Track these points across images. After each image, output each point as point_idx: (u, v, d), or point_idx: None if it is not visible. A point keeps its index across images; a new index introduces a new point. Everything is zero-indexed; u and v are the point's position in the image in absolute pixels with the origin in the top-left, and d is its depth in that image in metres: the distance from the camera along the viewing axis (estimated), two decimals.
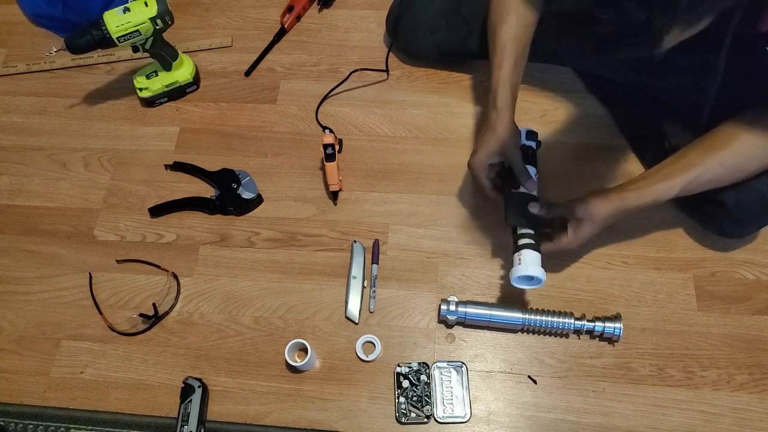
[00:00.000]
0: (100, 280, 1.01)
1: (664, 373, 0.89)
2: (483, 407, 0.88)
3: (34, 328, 0.98)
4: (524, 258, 0.83)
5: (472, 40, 1.06)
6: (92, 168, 1.13)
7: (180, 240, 1.04)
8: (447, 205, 1.04)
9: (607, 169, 1.05)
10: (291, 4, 1.27)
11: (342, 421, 0.88)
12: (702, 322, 0.92)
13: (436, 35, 1.09)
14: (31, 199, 1.10)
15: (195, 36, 1.27)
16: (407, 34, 1.13)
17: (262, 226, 1.04)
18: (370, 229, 1.03)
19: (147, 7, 1.03)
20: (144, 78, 1.15)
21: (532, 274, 0.82)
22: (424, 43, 1.11)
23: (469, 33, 1.06)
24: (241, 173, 1.06)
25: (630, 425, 0.86)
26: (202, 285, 1.00)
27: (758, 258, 0.97)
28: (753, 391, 0.87)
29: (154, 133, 1.16)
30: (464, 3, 1.05)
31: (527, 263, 0.83)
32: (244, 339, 0.95)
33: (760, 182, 0.82)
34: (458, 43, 1.09)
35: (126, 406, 0.91)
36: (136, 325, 0.97)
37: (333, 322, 0.95)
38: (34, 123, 1.19)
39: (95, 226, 1.07)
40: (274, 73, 1.21)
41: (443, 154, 1.09)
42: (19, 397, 0.93)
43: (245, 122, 1.16)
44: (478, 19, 1.03)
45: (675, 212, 1.00)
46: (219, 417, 0.89)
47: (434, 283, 0.97)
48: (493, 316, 0.90)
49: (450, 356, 0.92)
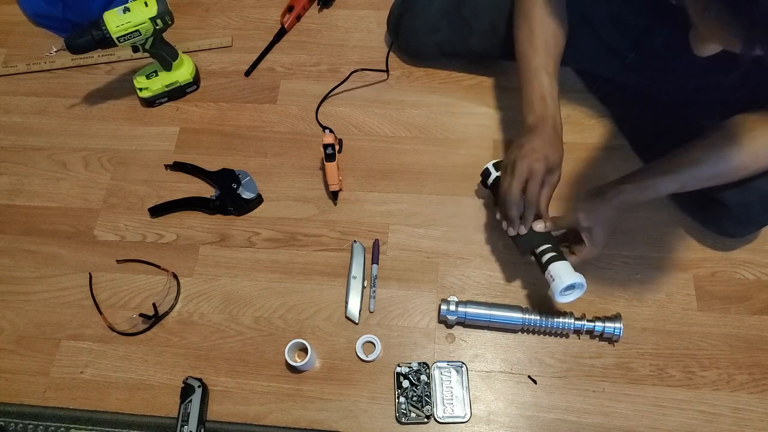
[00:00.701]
0: (100, 280, 1.01)
1: (664, 373, 0.89)
2: (483, 407, 0.88)
3: (34, 328, 0.98)
4: (555, 271, 0.81)
5: (474, 40, 1.06)
6: (92, 168, 1.13)
7: (180, 240, 1.04)
8: (447, 205, 1.04)
9: (608, 169, 1.05)
10: (291, 4, 1.27)
11: (342, 421, 0.88)
12: (702, 322, 0.92)
13: (437, 35, 1.09)
14: (31, 199, 1.10)
15: (195, 36, 1.27)
16: (409, 35, 1.12)
17: (262, 226, 1.04)
18: (370, 229, 1.03)
19: (147, 7, 1.03)
20: (144, 78, 1.15)
21: (570, 282, 0.80)
22: (426, 43, 1.11)
23: (471, 33, 1.05)
24: (241, 173, 1.06)
25: (630, 425, 0.86)
26: (202, 285, 1.00)
27: (758, 258, 0.97)
28: (753, 391, 0.87)
29: (154, 133, 1.16)
30: (465, 4, 1.04)
31: (560, 274, 0.81)
32: (244, 339, 0.95)
33: (761, 181, 0.82)
34: (460, 43, 1.08)
35: (126, 406, 0.91)
36: (136, 325, 0.97)
37: (333, 322, 0.95)
38: (34, 123, 1.19)
39: (95, 226, 1.07)
40: (274, 73, 1.21)
41: (443, 154, 1.09)
42: (19, 397, 0.93)
43: (245, 122, 1.16)
44: (479, 20, 1.03)
45: (675, 212, 1.00)
46: (219, 417, 0.89)
47: (434, 283, 0.97)
48: (493, 316, 0.90)
49: (450, 356, 0.92)
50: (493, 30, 1.03)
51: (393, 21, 1.14)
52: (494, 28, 1.02)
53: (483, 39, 1.05)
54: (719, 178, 0.79)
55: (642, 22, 0.88)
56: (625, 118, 1.07)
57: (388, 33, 1.18)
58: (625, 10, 0.90)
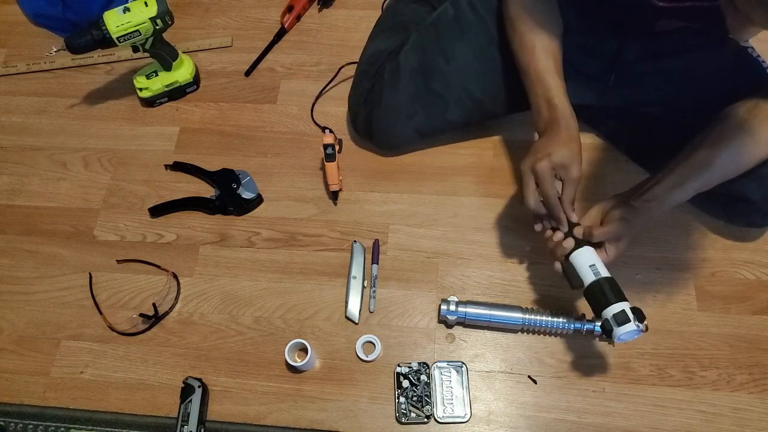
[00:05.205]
0: (100, 280, 1.01)
1: (664, 373, 0.89)
2: (483, 407, 0.88)
3: (34, 328, 0.98)
4: (611, 322, 0.75)
5: (451, 111, 1.00)
6: (92, 168, 1.13)
7: (180, 240, 1.04)
8: (447, 205, 1.04)
9: (608, 169, 1.05)
10: (291, 4, 1.27)
11: (342, 421, 0.88)
12: (702, 322, 0.92)
13: (413, 121, 1.02)
14: (31, 199, 1.10)
15: (195, 36, 1.27)
16: (384, 130, 1.04)
17: (262, 226, 1.04)
18: (370, 229, 1.03)
19: (147, 7, 1.03)
20: (144, 78, 1.15)
21: (629, 330, 0.75)
22: (403, 133, 1.03)
23: (446, 106, 1.00)
24: (241, 173, 1.06)
25: (630, 425, 0.86)
26: (202, 285, 1.00)
27: (758, 258, 0.97)
28: (753, 391, 0.87)
29: (154, 133, 1.16)
30: (433, 77, 0.98)
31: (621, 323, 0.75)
32: (244, 339, 0.95)
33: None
34: (438, 120, 1.02)
35: (126, 406, 0.91)
36: (136, 325, 0.97)
37: (333, 322, 0.95)
38: (34, 123, 1.19)
39: (95, 226, 1.07)
40: (274, 73, 1.21)
41: (443, 154, 1.09)
42: (19, 397, 0.93)
43: (245, 122, 1.16)
44: (451, 88, 0.99)
45: (675, 212, 0.99)
46: (219, 417, 0.89)
47: (434, 283, 0.97)
48: (493, 316, 0.90)
49: (450, 356, 0.92)
50: (467, 95, 0.99)
51: (362, 121, 1.05)
52: (467, 91, 0.98)
53: (459, 107, 1.00)
54: (733, 173, 0.79)
55: (611, 44, 0.89)
56: (616, 136, 1.06)
57: (357, 134, 1.09)
58: (591, 38, 0.90)
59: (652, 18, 0.82)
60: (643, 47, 0.88)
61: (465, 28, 0.96)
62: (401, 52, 1.00)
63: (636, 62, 0.90)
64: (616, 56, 0.90)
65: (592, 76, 0.94)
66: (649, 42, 0.88)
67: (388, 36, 1.07)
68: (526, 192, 0.80)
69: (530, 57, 0.83)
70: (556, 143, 0.78)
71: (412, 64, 0.99)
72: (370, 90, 1.03)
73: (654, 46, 0.88)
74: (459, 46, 0.97)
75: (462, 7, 0.97)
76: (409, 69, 0.99)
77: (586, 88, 0.94)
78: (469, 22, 0.96)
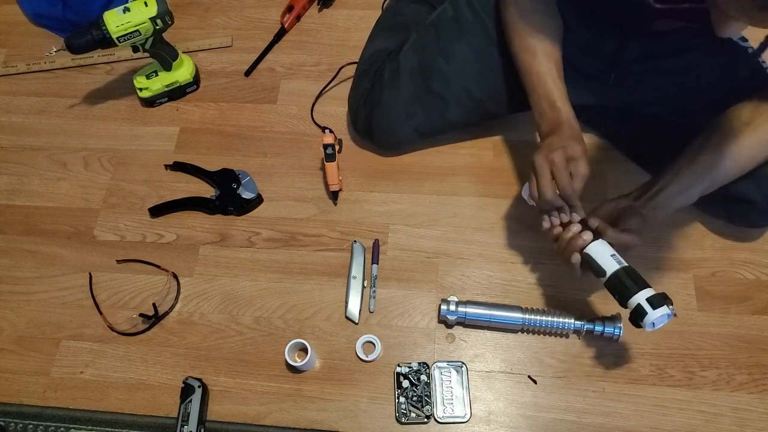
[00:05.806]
0: (100, 280, 1.01)
1: (664, 373, 0.89)
2: (483, 407, 0.88)
3: (34, 328, 0.98)
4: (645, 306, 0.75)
5: (451, 111, 1.00)
6: (92, 168, 1.13)
7: (180, 240, 1.04)
8: (447, 205, 1.04)
9: (608, 169, 1.05)
10: (291, 4, 1.27)
11: (342, 421, 0.88)
12: (702, 322, 0.92)
13: (413, 120, 1.02)
14: (31, 199, 1.10)
15: (195, 36, 1.27)
16: (384, 130, 1.04)
17: (262, 226, 1.04)
18: (370, 229, 1.03)
19: (147, 7, 1.03)
20: (144, 78, 1.15)
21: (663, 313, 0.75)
22: (403, 132, 1.04)
23: (446, 106, 1.00)
24: (241, 173, 1.06)
25: (630, 425, 0.86)
26: (202, 285, 1.00)
27: (758, 258, 0.97)
28: (753, 391, 0.87)
29: (154, 133, 1.16)
30: (433, 77, 0.98)
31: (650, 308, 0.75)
32: (244, 339, 0.95)
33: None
34: (438, 120, 1.02)
35: (126, 406, 0.91)
36: (136, 325, 0.97)
37: (333, 322, 0.95)
38: (34, 123, 1.19)
39: (95, 226, 1.07)
40: (274, 73, 1.21)
41: (443, 154, 1.09)
42: (19, 397, 0.93)
43: (245, 122, 1.16)
44: (451, 88, 0.98)
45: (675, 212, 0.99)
46: (219, 417, 0.89)
47: (434, 283, 0.97)
48: (493, 316, 0.90)
49: (450, 356, 0.92)
50: (467, 95, 0.99)
51: (362, 121, 1.05)
52: (467, 91, 0.98)
53: (459, 107, 1.00)
54: (736, 175, 0.80)
55: (610, 44, 0.89)
56: (616, 136, 1.06)
57: (357, 134, 1.09)
58: (590, 38, 0.90)
59: (650, 18, 0.82)
60: (643, 47, 0.89)
61: (464, 28, 0.96)
62: (401, 52, 1.00)
63: (635, 62, 0.90)
64: (615, 56, 0.90)
65: (591, 76, 0.94)
66: (648, 42, 0.88)
67: (388, 36, 1.07)
68: (543, 183, 0.77)
69: (531, 60, 0.84)
70: (567, 138, 0.78)
71: (412, 64, 0.99)
72: (370, 90, 1.03)
73: (653, 46, 0.89)
74: (459, 46, 0.97)
75: (461, 8, 0.97)
76: (409, 69, 0.99)
77: (585, 87, 0.94)
78: (468, 23, 0.96)
